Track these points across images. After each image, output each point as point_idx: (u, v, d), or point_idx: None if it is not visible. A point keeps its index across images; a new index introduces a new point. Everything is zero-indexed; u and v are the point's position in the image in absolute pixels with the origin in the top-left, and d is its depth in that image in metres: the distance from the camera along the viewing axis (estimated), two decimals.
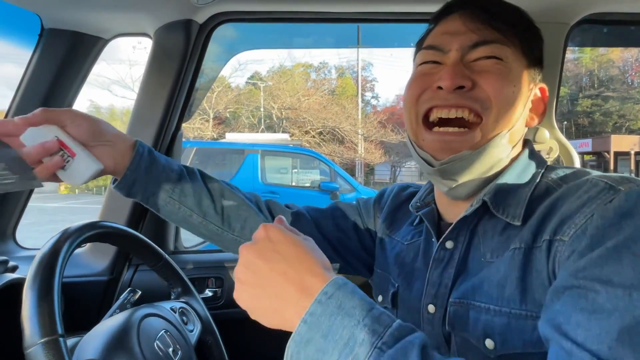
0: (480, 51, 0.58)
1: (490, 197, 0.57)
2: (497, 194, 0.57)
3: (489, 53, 0.58)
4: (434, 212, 0.69)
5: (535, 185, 0.57)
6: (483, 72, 0.58)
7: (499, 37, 0.58)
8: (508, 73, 0.58)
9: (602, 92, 25.64)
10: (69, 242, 0.59)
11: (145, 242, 0.81)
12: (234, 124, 22.26)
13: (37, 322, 0.48)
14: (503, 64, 0.58)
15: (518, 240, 0.52)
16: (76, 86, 1.13)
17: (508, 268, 0.52)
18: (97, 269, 1.08)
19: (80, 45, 1.08)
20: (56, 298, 0.51)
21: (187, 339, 0.79)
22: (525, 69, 0.60)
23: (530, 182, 0.58)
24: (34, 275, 0.52)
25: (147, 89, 1.08)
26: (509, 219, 0.55)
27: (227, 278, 1.12)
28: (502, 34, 0.59)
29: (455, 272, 0.59)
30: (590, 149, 18.75)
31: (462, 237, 0.60)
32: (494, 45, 0.58)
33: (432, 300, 0.61)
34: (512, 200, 0.57)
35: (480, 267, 0.57)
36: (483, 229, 0.59)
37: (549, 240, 0.48)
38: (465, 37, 0.59)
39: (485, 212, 0.59)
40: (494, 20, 0.59)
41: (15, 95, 1.09)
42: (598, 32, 1.29)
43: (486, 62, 0.58)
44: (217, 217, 0.79)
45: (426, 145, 0.61)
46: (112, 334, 0.64)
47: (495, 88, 0.57)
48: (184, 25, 1.04)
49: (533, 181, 0.58)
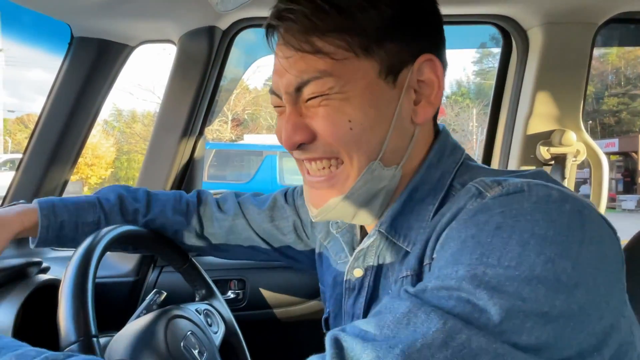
0: (305, 92, 0.48)
1: (386, 227, 0.52)
2: (395, 221, 0.52)
3: (312, 94, 0.48)
4: (353, 230, 0.63)
5: (440, 200, 0.50)
6: (314, 117, 0.49)
7: (319, 66, 0.46)
8: (339, 107, 0.47)
9: (630, 90, 24.80)
10: (101, 245, 0.61)
11: (172, 244, 0.83)
12: (252, 125, 22.48)
13: (73, 322, 0.50)
14: (332, 97, 0.47)
15: (405, 268, 0.48)
16: (104, 92, 1.17)
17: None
18: (123, 270, 1.11)
19: (107, 52, 1.12)
20: (90, 300, 0.53)
21: (211, 341, 0.80)
22: (376, 77, 0.48)
23: (434, 197, 0.51)
24: (69, 277, 0.54)
25: (171, 94, 1.11)
26: (410, 248, 0.50)
27: (249, 280, 1.13)
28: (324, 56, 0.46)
29: (365, 302, 0.55)
30: (617, 149, 18.14)
31: (370, 263, 0.55)
32: (313, 83, 0.47)
33: None
34: (414, 222, 0.50)
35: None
36: (385, 256, 0.54)
37: (429, 264, 0.45)
38: (286, 80, 0.49)
39: (386, 239, 0.53)
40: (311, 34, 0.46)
41: (47, 101, 1.13)
42: (626, 31, 1.25)
43: (313, 102, 0.48)
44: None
45: (305, 190, 0.57)
46: (140, 335, 0.66)
47: (330, 134, 0.48)
48: (207, 32, 1.06)
49: (437, 195, 0.50)
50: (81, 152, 1.20)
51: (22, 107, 41.69)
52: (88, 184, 23.80)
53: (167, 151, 1.12)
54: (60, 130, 1.12)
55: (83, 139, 1.18)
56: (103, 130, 26.47)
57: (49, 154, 1.11)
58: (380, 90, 0.48)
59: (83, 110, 1.14)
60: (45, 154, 1.11)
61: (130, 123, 28.17)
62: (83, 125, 1.16)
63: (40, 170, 1.11)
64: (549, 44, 1.05)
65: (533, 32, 1.07)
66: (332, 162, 0.51)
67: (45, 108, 1.12)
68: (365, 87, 0.47)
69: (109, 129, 29.21)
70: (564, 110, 1.09)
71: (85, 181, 23.66)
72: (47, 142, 1.12)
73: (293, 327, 1.14)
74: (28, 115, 27.24)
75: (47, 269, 0.84)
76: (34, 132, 1.12)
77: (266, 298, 1.13)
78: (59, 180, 1.16)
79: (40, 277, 0.76)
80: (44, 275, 0.78)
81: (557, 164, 1.08)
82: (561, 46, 1.05)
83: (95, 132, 23.45)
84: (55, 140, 1.11)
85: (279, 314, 1.13)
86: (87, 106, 1.15)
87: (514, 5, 1.05)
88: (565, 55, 1.06)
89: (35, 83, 33.67)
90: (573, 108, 1.10)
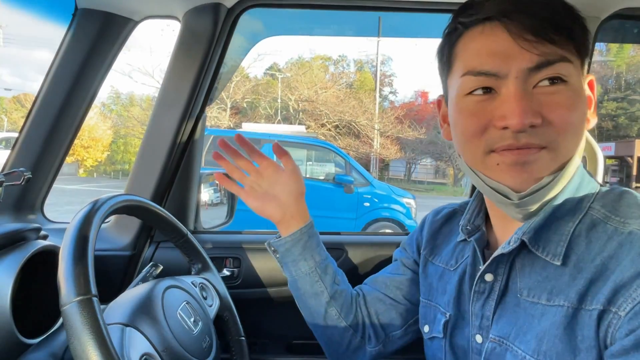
0: (542, 73, 0.51)
1: (529, 237, 0.55)
2: (538, 231, 0.55)
3: (553, 74, 0.51)
4: (484, 236, 0.66)
5: (581, 219, 0.54)
6: (552, 104, 0.51)
7: (559, 53, 0.51)
8: (576, 97, 0.52)
9: (629, 95, 24.87)
10: (100, 211, 0.62)
11: (170, 218, 0.84)
12: (251, 114, 22.37)
13: (73, 282, 0.50)
14: (569, 86, 0.52)
15: (562, 297, 0.51)
16: (105, 67, 1.16)
17: (549, 324, 0.51)
18: (120, 244, 1.11)
19: (111, 26, 1.11)
20: (90, 262, 0.54)
21: (206, 312, 0.82)
22: (581, 76, 0.55)
23: (576, 213, 0.55)
24: (70, 239, 0.55)
25: (174, 70, 1.11)
26: (549, 258, 0.53)
27: (244, 258, 1.15)
28: (561, 46, 0.51)
29: (495, 305, 0.59)
30: (613, 153, 18.24)
31: (502, 269, 0.59)
32: (557, 65, 0.51)
33: (478, 331, 0.61)
34: (553, 235, 0.54)
35: (517, 303, 0.56)
36: (521, 263, 0.57)
37: (601, 310, 0.47)
38: (523, 59, 0.51)
39: (524, 246, 0.56)
40: (549, 29, 0.51)
41: (47, 75, 1.13)
42: (629, 27, 1.26)
43: (551, 88, 0.51)
44: (337, 303, 0.81)
45: (500, 171, 0.54)
46: (138, 302, 0.67)
47: (567, 122, 0.52)
48: (212, 9, 1.06)
49: (579, 212, 0.55)
50: (79, 131, 1.19)
51: (23, 87, 41.23)
52: (84, 166, 23.67)
53: (168, 128, 1.12)
54: (59, 107, 1.10)
55: (81, 117, 1.17)
56: (101, 113, 26.26)
57: (46, 132, 1.10)
58: (583, 90, 0.55)
59: (83, 87, 1.14)
60: (42, 132, 1.10)
61: (128, 106, 27.95)
62: (82, 103, 1.15)
63: (36, 148, 1.10)
64: None
65: None
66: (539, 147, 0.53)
67: (45, 83, 1.11)
68: (580, 83, 0.54)
69: (107, 111, 28.97)
70: None
71: (81, 163, 23.52)
72: (45, 119, 1.10)
73: (285, 306, 1.15)
74: (25, 95, 26.95)
75: (45, 237, 0.84)
76: (32, 109, 1.11)
77: (261, 277, 1.14)
78: (55, 159, 1.15)
79: (40, 242, 0.77)
80: (43, 241, 0.79)
81: None
82: None
83: (92, 114, 23.26)
84: (53, 117, 1.10)
85: (272, 293, 1.14)
86: (87, 82, 1.14)
87: None
88: None
89: (40, 63, 33.28)
90: None
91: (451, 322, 0.68)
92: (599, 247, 0.50)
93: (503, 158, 0.53)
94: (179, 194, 1.17)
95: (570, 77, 0.52)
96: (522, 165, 0.52)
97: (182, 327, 0.70)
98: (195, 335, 0.72)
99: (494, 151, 0.54)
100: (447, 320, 0.68)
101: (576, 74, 0.53)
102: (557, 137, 0.52)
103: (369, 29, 1.63)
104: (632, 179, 17.40)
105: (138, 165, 1.13)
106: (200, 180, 1.27)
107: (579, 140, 0.54)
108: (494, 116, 0.53)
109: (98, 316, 0.49)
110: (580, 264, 0.51)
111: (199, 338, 0.73)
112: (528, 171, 0.53)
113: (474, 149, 0.56)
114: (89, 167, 23.85)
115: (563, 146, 0.53)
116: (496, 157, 0.54)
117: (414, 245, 0.83)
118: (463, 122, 0.56)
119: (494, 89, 0.53)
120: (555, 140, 0.52)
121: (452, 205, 0.80)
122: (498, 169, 0.54)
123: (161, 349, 0.62)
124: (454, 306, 0.67)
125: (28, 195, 1.15)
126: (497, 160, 0.54)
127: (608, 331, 0.46)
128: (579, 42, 0.53)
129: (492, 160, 0.55)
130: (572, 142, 0.53)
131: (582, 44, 0.54)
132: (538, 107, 0.51)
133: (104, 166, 25.13)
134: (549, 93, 0.51)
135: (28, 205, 1.15)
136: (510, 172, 0.53)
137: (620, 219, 0.52)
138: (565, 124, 0.51)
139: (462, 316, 0.66)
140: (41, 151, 1.11)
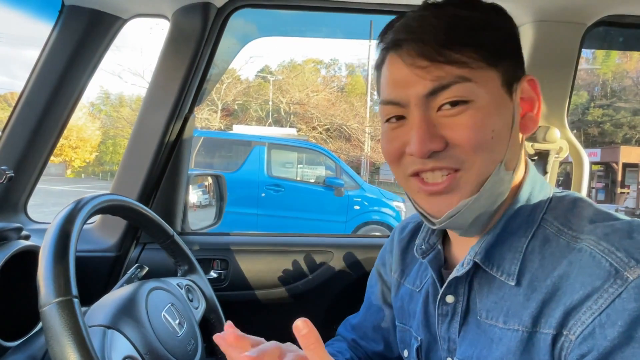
0: (441, 97, 0.50)
1: (481, 258, 0.54)
2: (491, 250, 0.54)
3: (452, 98, 0.50)
4: (440, 255, 0.64)
5: (534, 233, 0.53)
6: (454, 126, 0.50)
7: (455, 73, 0.50)
8: (483, 115, 0.50)
9: (614, 103, 25.36)
10: (83, 211, 0.60)
11: (156, 218, 0.83)
12: (242, 116, 22.29)
13: (53, 282, 0.49)
14: (472, 105, 0.50)
15: (517, 320, 0.50)
16: (92, 65, 1.15)
17: (505, 349, 0.51)
18: (105, 245, 1.10)
19: (98, 23, 1.10)
20: (71, 262, 0.52)
21: (192, 315, 0.81)
22: (500, 87, 0.52)
23: (529, 227, 0.54)
24: (50, 238, 0.53)
25: (162, 70, 1.09)
26: (504, 278, 0.53)
27: (232, 260, 1.14)
28: (460, 65, 0.50)
29: (459, 327, 0.58)
30: (598, 159, 18.56)
31: (461, 289, 0.58)
32: (454, 87, 0.50)
33: (447, 354, 0.61)
34: (507, 252, 0.54)
35: (478, 325, 0.56)
36: (479, 283, 0.57)
37: (555, 334, 0.47)
38: (418, 86, 0.51)
39: (479, 267, 0.56)
40: (442, 51, 0.50)
41: (32, 72, 1.10)
42: (615, 35, 1.28)
43: (452, 110, 0.50)
44: None
45: (420, 198, 0.56)
46: (121, 303, 0.66)
47: (474, 142, 0.50)
48: (201, 8, 1.05)
49: (532, 225, 0.54)
50: (64, 130, 1.17)
51: (12, 86, 40.52)
52: (72, 167, 23.33)
53: (155, 128, 1.10)
54: (44, 105, 1.08)
55: (67, 116, 1.15)
56: (89, 113, 25.92)
57: (30, 130, 1.08)
58: (503, 100, 0.52)
59: (69, 85, 1.12)
60: (26, 131, 1.08)
61: (117, 107, 27.63)
62: (68, 102, 1.13)
63: (19, 147, 1.08)
64: (538, 41, 1.07)
65: (524, 29, 1.09)
66: (451, 170, 0.52)
67: (30, 80, 1.09)
68: (494, 95, 0.52)
69: (96, 112, 28.59)
70: (549, 107, 1.12)
71: (69, 164, 23.18)
72: (29, 118, 1.08)
73: (273, 309, 1.14)
74: (12, 94, 26.50)
75: (27, 237, 0.82)
76: (16, 107, 1.08)
77: (248, 279, 1.13)
78: (39, 159, 1.13)
79: (21, 243, 0.75)
80: (25, 242, 0.77)
81: (540, 159, 1.11)
82: (550, 44, 1.07)
83: (81, 114, 22.95)
84: (38, 116, 1.08)
85: (260, 295, 1.13)
86: (74, 81, 1.12)
87: (506, 1, 1.06)
88: (554, 54, 1.08)
89: (28, 62, 32.70)
90: (559, 106, 1.13)
91: (424, 347, 0.66)
92: (551, 265, 0.50)
93: (421, 186, 0.54)
94: (166, 194, 1.16)
95: (473, 95, 0.50)
96: (439, 195, 0.53)
97: (166, 329, 0.68)
98: (180, 337, 0.71)
99: (413, 175, 0.55)
100: (420, 346, 0.67)
101: (485, 88, 0.51)
102: (467, 157, 0.51)
103: (360, 32, 1.64)
104: (617, 185, 17.73)
105: (124, 165, 1.11)
106: (188, 181, 1.25)
107: (497, 154, 0.52)
108: (404, 143, 0.54)
109: (78, 318, 0.48)
110: (534, 282, 0.50)
111: (184, 341, 0.72)
112: (444, 198, 0.53)
113: (398, 172, 0.58)
114: (77, 167, 23.51)
115: (476, 166, 0.51)
116: (417, 183, 0.55)
117: (387, 269, 0.80)
118: (384, 147, 0.58)
119: (404, 116, 0.54)
120: (466, 161, 0.51)
121: (416, 219, 0.77)
122: (419, 196, 0.56)
123: (144, 352, 0.61)
124: (424, 329, 0.66)
125: (10, 194, 1.12)
126: (417, 186, 0.55)
127: (561, 354, 0.46)
128: (491, 49, 0.51)
129: (413, 186, 0.56)
130: (487, 159, 0.51)
131: (498, 49, 0.52)
132: (442, 130, 0.51)
133: (92, 167, 24.81)
134: (451, 115, 0.51)
135: (10, 205, 1.13)
136: (428, 200, 0.55)
137: (572, 233, 0.50)
138: (472, 144, 0.50)
139: (434, 339, 0.64)
140: (25, 150, 1.08)
